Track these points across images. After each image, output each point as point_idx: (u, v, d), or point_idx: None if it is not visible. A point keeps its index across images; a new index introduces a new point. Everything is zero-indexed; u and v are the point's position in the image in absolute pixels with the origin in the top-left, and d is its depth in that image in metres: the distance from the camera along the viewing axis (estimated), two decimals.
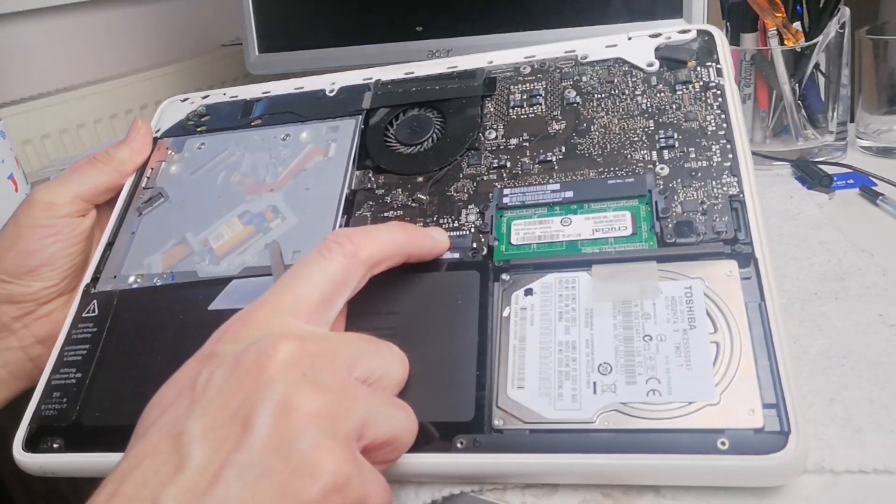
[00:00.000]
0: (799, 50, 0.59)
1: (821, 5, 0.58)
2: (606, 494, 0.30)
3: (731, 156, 0.37)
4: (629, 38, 0.44)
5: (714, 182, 0.37)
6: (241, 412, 0.26)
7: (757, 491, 0.29)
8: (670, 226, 0.35)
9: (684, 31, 0.43)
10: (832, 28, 0.58)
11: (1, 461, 0.78)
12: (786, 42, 0.59)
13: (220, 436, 0.26)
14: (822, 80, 0.60)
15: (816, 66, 0.59)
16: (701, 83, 0.41)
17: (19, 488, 0.81)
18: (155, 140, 0.50)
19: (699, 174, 0.37)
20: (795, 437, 0.28)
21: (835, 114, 0.61)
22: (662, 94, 0.41)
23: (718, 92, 0.40)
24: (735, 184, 0.36)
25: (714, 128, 0.39)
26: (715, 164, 0.37)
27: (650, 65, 0.43)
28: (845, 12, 0.58)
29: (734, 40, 0.62)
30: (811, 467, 0.30)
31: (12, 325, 0.43)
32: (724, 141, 0.38)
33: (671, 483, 0.30)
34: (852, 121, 0.63)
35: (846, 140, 0.62)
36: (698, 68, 0.42)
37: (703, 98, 0.40)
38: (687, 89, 0.41)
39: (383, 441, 0.29)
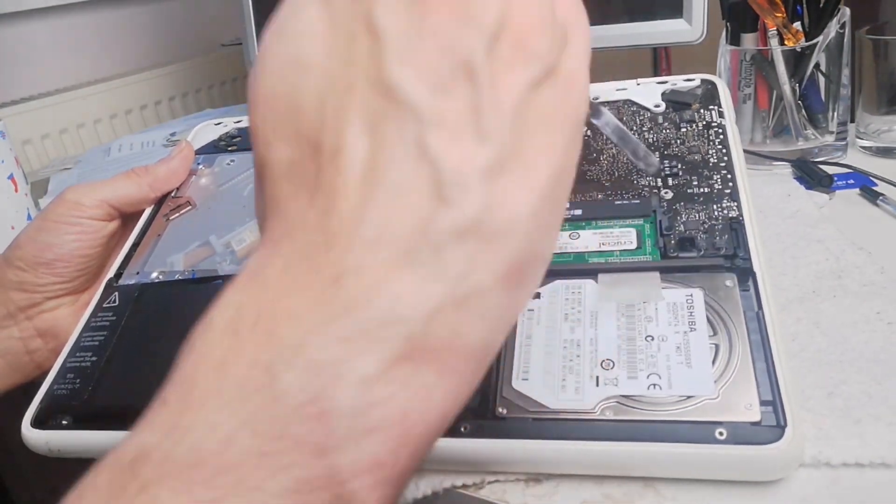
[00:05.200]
0: (799, 50, 0.59)
1: (821, 5, 0.58)
2: (606, 496, 0.31)
3: (731, 184, 0.40)
4: (638, 84, 0.48)
5: (715, 206, 0.39)
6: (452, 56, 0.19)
7: (756, 488, 0.30)
8: (673, 241, 0.38)
9: (689, 80, 0.48)
10: (832, 28, 0.58)
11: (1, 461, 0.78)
12: (786, 42, 0.59)
13: (442, 79, 0.19)
14: (822, 80, 0.60)
15: (816, 66, 0.60)
16: (704, 122, 0.44)
17: (19, 486, 0.81)
18: None
19: (701, 199, 0.40)
20: (792, 430, 0.28)
21: (835, 114, 0.61)
22: (668, 131, 0.44)
23: (720, 130, 0.43)
24: (735, 208, 0.38)
25: (716, 160, 0.42)
26: (716, 190, 0.40)
27: (657, 106, 0.46)
28: (845, 12, 0.58)
29: (734, 40, 0.62)
30: (809, 461, 0.30)
31: (17, 315, 0.44)
32: (725, 171, 0.41)
33: (669, 474, 0.30)
34: (852, 121, 0.63)
35: (846, 140, 0.62)
36: (701, 110, 0.45)
37: (706, 135, 0.43)
38: (691, 127, 0.44)
39: None
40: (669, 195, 0.40)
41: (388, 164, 0.19)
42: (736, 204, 0.39)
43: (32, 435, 0.37)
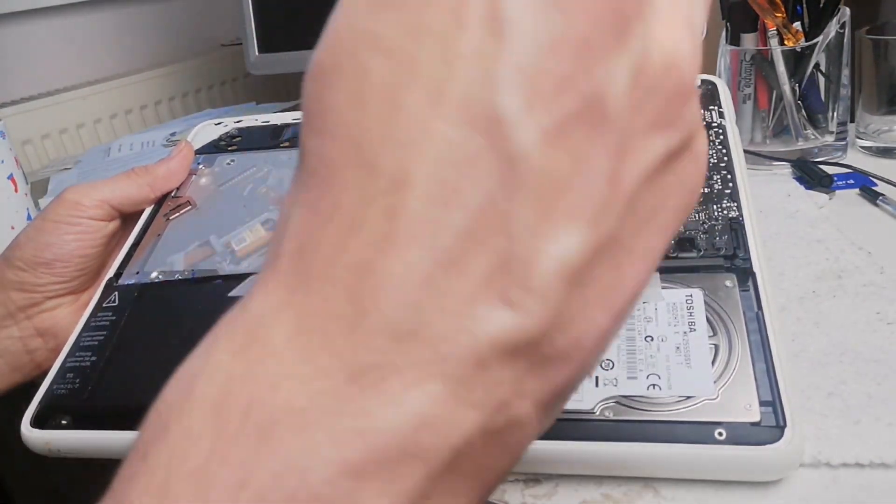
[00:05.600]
0: (799, 50, 0.59)
1: (821, 5, 0.58)
2: (606, 496, 0.31)
3: (731, 184, 0.40)
4: None
5: (715, 206, 0.39)
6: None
7: (756, 488, 0.30)
8: (673, 242, 0.37)
9: None
10: (832, 28, 0.58)
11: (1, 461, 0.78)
12: (786, 42, 0.59)
13: (559, 117, 0.13)
14: (822, 80, 0.60)
15: (816, 66, 0.60)
16: (704, 123, 0.44)
17: (20, 487, 0.81)
18: None
19: (701, 199, 0.40)
20: (791, 430, 0.28)
21: (835, 114, 0.61)
22: None
23: (720, 131, 0.43)
24: (735, 208, 0.39)
25: (716, 160, 0.42)
26: (716, 191, 0.40)
27: None
28: (845, 12, 0.58)
29: (734, 40, 0.62)
30: (808, 461, 0.30)
31: (17, 315, 0.44)
32: (725, 172, 0.41)
33: (669, 474, 0.30)
34: (852, 121, 0.63)
35: (846, 140, 0.62)
36: (702, 111, 0.45)
37: (706, 136, 0.42)
38: None
39: None
40: None
41: (453, 230, 0.13)
42: (736, 204, 0.39)
43: (32, 435, 0.37)
